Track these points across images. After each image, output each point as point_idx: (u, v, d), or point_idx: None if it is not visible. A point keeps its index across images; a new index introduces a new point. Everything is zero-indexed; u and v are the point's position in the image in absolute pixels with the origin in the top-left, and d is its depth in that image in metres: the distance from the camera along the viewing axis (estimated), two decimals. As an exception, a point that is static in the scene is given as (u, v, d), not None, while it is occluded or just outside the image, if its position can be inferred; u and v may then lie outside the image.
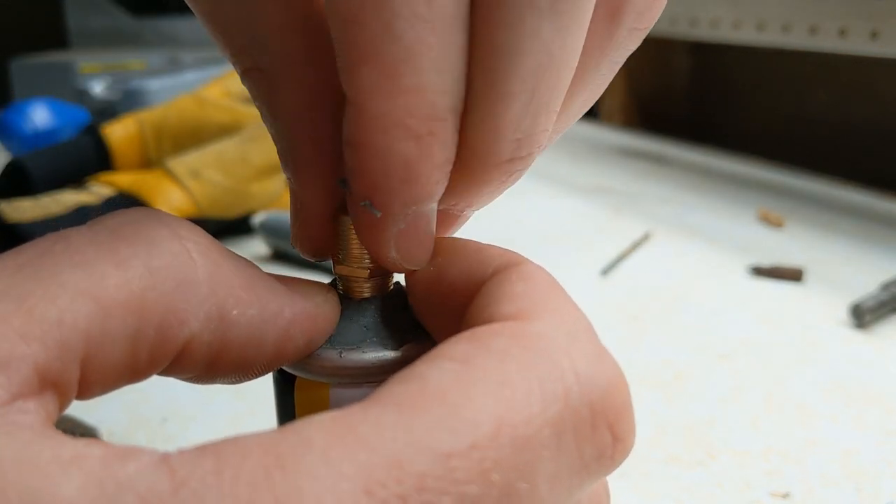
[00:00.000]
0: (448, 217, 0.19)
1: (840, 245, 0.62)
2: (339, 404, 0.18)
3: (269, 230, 0.59)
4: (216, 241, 0.16)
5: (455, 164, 0.17)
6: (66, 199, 0.56)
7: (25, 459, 0.11)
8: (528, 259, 0.17)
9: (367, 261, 0.19)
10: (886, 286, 0.48)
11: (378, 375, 0.18)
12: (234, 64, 0.17)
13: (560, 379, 0.13)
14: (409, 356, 0.18)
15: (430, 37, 0.15)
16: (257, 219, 0.59)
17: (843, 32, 0.69)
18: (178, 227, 0.15)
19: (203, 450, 0.12)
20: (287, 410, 0.19)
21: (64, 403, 0.14)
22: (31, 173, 0.62)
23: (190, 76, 0.91)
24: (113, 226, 0.15)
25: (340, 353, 0.18)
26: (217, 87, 0.71)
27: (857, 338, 0.46)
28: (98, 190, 0.58)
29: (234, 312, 0.16)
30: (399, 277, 0.20)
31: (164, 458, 0.11)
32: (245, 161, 0.61)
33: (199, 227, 0.16)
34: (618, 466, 0.15)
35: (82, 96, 0.95)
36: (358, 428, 0.12)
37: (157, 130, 0.67)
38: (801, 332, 0.46)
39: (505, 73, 0.16)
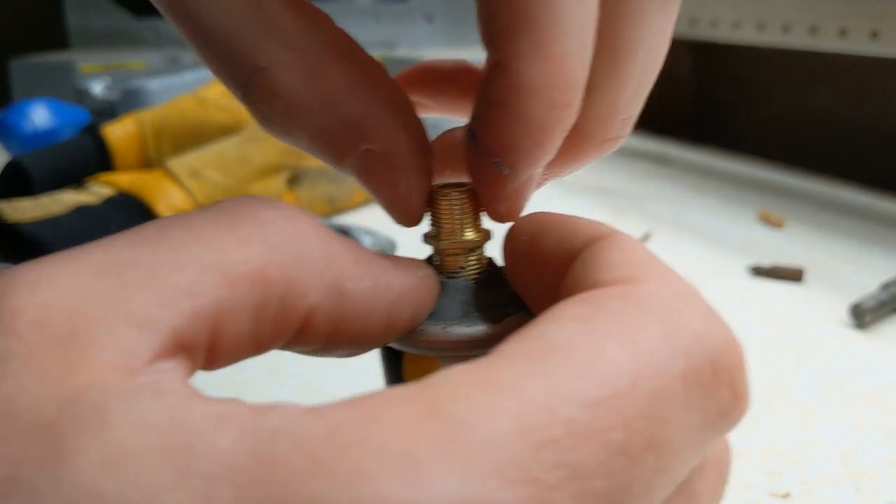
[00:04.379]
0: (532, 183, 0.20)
1: (840, 245, 0.62)
2: None
3: (269, 230, 0.59)
4: (322, 222, 0.17)
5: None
6: (66, 199, 0.56)
7: (178, 418, 0.11)
8: (618, 230, 0.17)
9: (463, 235, 0.19)
10: (886, 286, 0.48)
11: (480, 348, 0.18)
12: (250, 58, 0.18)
13: (680, 337, 0.14)
14: (510, 329, 0.18)
15: (578, 7, 0.16)
16: (257, 219, 0.59)
17: (843, 32, 0.69)
18: (287, 208, 0.16)
19: (350, 401, 0.12)
20: (397, 384, 0.19)
21: (193, 371, 0.14)
22: (31, 173, 0.62)
23: (190, 76, 0.91)
24: (227, 208, 0.16)
25: (444, 327, 0.18)
26: (217, 87, 0.71)
27: (857, 338, 0.46)
28: (98, 190, 0.58)
29: (350, 285, 0.16)
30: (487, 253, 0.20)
31: (312, 409, 0.12)
32: (245, 161, 0.61)
33: (307, 212, 0.17)
34: (736, 425, 0.15)
35: (82, 96, 0.95)
36: (499, 378, 0.12)
37: (157, 130, 0.67)
38: (801, 332, 0.46)
39: (626, 56, 0.18)
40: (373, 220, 0.64)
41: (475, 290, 0.19)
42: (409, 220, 0.20)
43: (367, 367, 0.24)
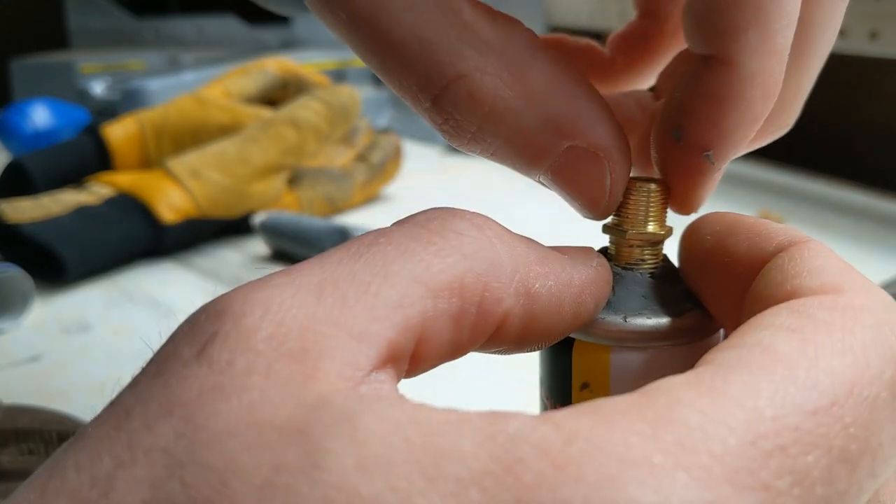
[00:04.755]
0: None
1: (840, 245, 0.62)
2: (618, 367, 0.19)
3: (269, 230, 0.59)
4: (505, 227, 0.17)
5: None
6: (66, 199, 0.56)
7: (419, 421, 0.12)
8: (812, 238, 0.17)
9: (648, 227, 0.20)
10: (886, 286, 0.49)
11: (659, 341, 0.19)
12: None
13: (888, 346, 0.14)
14: (689, 324, 0.19)
15: (796, 4, 0.18)
16: (257, 219, 0.59)
17: (842, 32, 0.69)
18: (473, 218, 0.17)
19: (577, 409, 0.12)
20: (562, 373, 0.20)
21: (399, 380, 0.15)
22: (31, 173, 0.62)
23: (190, 76, 0.91)
24: (421, 222, 0.16)
25: (625, 317, 0.19)
26: (217, 87, 0.71)
27: (857, 338, 0.46)
28: (98, 190, 0.58)
29: (537, 286, 0.17)
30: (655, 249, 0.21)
31: (541, 417, 0.12)
32: (245, 161, 0.61)
33: (489, 217, 0.17)
34: None
35: (82, 96, 0.95)
36: (724, 389, 0.13)
37: (157, 130, 0.67)
38: (801, 332, 0.46)
39: (815, 42, 0.20)
40: (373, 220, 0.64)
41: (652, 284, 0.20)
42: (605, 213, 0.20)
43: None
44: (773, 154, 0.85)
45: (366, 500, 0.11)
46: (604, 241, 0.21)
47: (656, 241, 0.20)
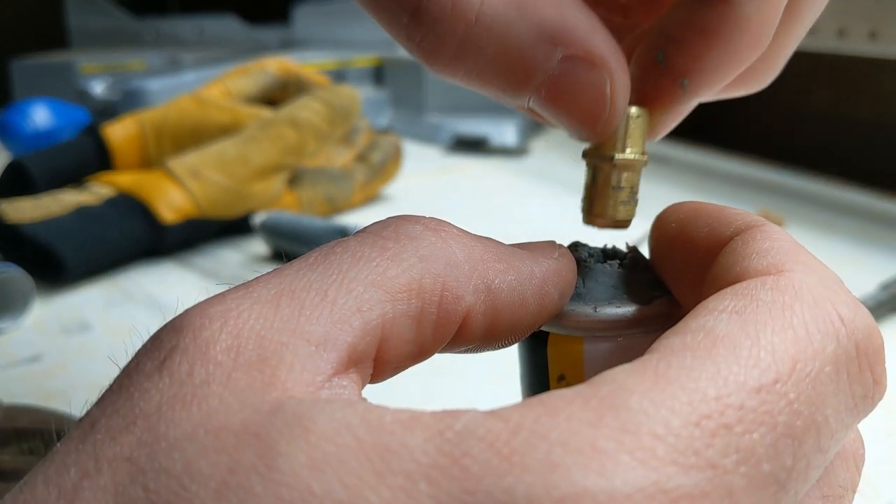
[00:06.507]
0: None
1: (840, 245, 0.62)
2: (591, 357, 0.19)
3: (269, 230, 0.59)
4: (461, 228, 0.18)
5: None
6: (67, 199, 0.56)
7: (371, 421, 0.12)
8: (768, 221, 0.18)
9: (627, 150, 0.20)
10: (886, 286, 0.48)
11: (630, 328, 0.19)
12: None
13: (829, 321, 0.15)
14: (658, 310, 0.19)
15: None
16: (257, 219, 0.59)
17: (842, 32, 0.69)
18: (428, 222, 0.17)
19: (525, 403, 0.13)
20: (539, 366, 0.20)
21: (364, 385, 0.15)
22: (31, 173, 0.62)
23: (190, 76, 0.91)
24: (376, 230, 0.17)
25: (595, 308, 0.19)
26: (217, 87, 0.71)
27: (857, 338, 0.46)
28: (98, 190, 0.58)
29: (496, 281, 0.17)
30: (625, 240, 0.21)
31: (491, 412, 0.13)
32: (245, 161, 0.61)
33: (444, 220, 0.18)
34: (873, 409, 0.16)
35: (82, 96, 0.95)
36: (666, 373, 0.13)
37: (157, 130, 0.67)
38: (801, 332, 0.46)
39: (806, 7, 0.21)
40: (373, 220, 0.64)
41: (621, 274, 0.20)
42: (606, 130, 0.20)
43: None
44: (773, 154, 0.85)
45: (318, 497, 0.12)
46: (591, 239, 0.21)
47: (633, 167, 0.21)
